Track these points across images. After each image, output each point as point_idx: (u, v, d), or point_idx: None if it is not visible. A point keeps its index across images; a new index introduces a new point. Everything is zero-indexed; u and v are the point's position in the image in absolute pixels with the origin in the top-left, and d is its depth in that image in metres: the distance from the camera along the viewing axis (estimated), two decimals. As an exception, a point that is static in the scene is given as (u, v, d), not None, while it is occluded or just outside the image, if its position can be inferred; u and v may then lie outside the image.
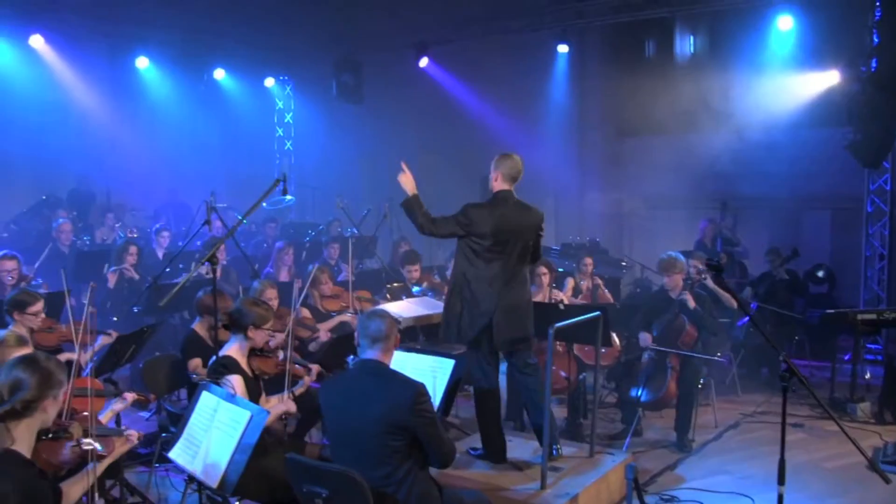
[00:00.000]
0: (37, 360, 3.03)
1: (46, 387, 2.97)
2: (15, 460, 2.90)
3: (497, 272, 5.17)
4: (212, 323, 5.64)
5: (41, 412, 2.99)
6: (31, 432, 2.99)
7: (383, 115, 13.46)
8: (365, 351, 3.84)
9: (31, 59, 11.62)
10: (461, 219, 5.17)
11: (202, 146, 13.52)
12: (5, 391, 2.92)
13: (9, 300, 5.33)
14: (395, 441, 3.65)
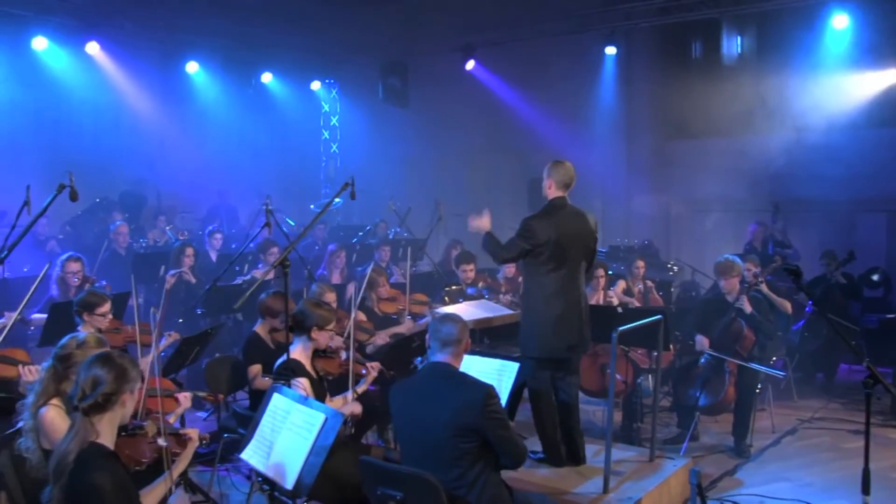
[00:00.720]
0: (111, 357, 3.16)
1: (123, 381, 3.09)
2: (102, 452, 3.02)
3: (562, 280, 5.16)
4: (273, 325, 5.74)
5: (120, 406, 3.10)
6: (112, 426, 3.11)
7: (429, 118, 13.50)
8: (435, 354, 3.87)
9: (86, 66, 11.86)
10: (524, 234, 5.15)
11: (250, 149, 13.68)
12: (87, 387, 3.04)
13: (79, 301, 5.44)
14: (465, 443, 3.67)
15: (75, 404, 3.03)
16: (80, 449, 2.95)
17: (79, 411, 3.02)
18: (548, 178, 5.33)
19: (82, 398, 3.02)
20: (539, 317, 5.16)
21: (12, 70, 11.19)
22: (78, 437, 2.97)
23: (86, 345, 3.76)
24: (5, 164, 10.94)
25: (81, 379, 3.06)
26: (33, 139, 11.67)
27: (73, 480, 2.88)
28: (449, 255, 9.70)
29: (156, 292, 8.12)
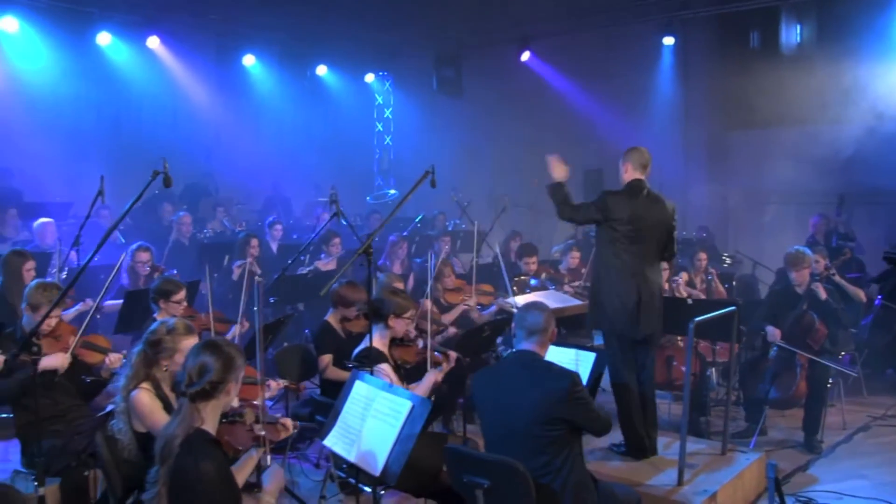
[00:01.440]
0: (219, 346, 3.19)
1: (229, 369, 3.13)
2: (207, 438, 3.06)
3: (636, 262, 5.15)
4: (345, 314, 5.77)
5: (225, 394, 3.14)
6: (216, 414, 3.16)
7: (483, 109, 13.47)
8: (521, 342, 3.87)
9: (147, 60, 12.07)
10: (599, 204, 5.19)
11: (304, 141, 13.80)
12: (194, 374, 3.08)
13: (155, 288, 5.54)
14: (552, 431, 3.66)
15: (182, 390, 3.08)
16: (186, 434, 2.99)
17: (185, 397, 3.06)
18: (624, 162, 5.36)
19: (189, 384, 3.06)
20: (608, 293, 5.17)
21: (77, 65, 11.42)
22: (184, 422, 3.02)
23: (175, 331, 3.83)
24: (69, 156, 11.18)
25: (189, 366, 3.10)
26: (95, 132, 11.92)
27: (180, 465, 2.93)
28: (508, 247, 9.68)
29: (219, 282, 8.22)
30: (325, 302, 7.48)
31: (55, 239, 8.22)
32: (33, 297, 4.70)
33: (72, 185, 11.20)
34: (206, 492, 2.88)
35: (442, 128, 14.02)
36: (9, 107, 11.06)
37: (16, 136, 10.67)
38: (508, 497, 3.55)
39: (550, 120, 13.10)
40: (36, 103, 11.14)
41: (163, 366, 3.80)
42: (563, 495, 3.67)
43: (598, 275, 5.31)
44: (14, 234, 9.20)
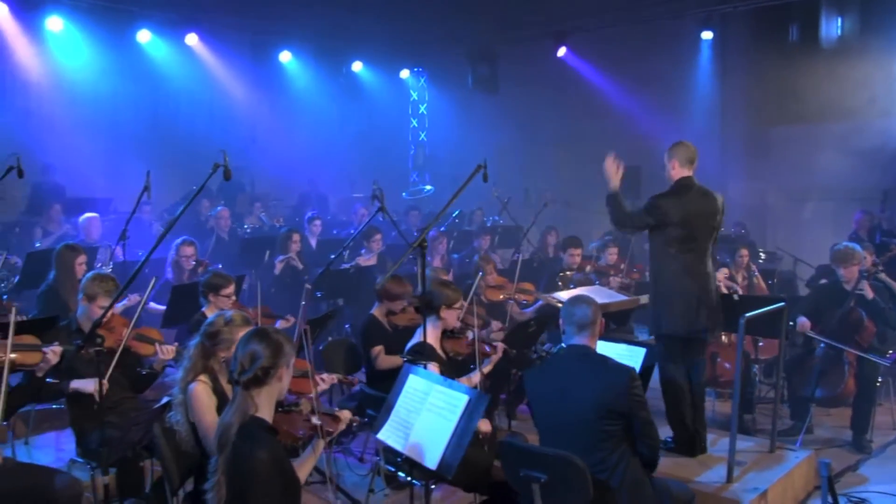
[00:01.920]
0: (268, 333, 3.21)
1: (279, 355, 3.13)
2: (262, 426, 3.08)
3: (695, 261, 5.12)
4: (390, 308, 5.78)
5: (277, 381, 3.15)
6: (270, 401, 3.16)
7: (519, 105, 13.45)
8: (571, 337, 3.86)
9: (185, 57, 12.20)
10: (651, 210, 5.14)
11: (339, 137, 13.86)
12: (245, 362, 3.10)
13: (204, 282, 5.59)
14: (608, 426, 3.65)
15: (235, 378, 3.10)
16: (242, 422, 3.01)
17: (238, 385, 3.09)
18: (670, 159, 5.30)
19: (241, 372, 3.08)
20: (670, 295, 5.13)
21: (117, 62, 11.58)
22: (239, 410, 3.04)
23: (233, 322, 3.85)
24: (109, 152, 11.32)
25: (240, 354, 3.11)
26: (133, 128, 12.04)
27: (236, 452, 2.94)
28: (545, 242, 9.66)
29: (260, 277, 8.29)
30: (364, 297, 7.55)
31: (100, 233, 8.35)
32: (89, 289, 4.76)
33: (111, 180, 11.35)
34: (262, 478, 2.89)
35: (477, 124, 14.01)
36: (52, 103, 11.24)
37: (58, 132, 10.83)
38: (565, 492, 3.54)
39: (586, 116, 13.06)
40: (77, 100, 11.32)
41: (220, 357, 3.82)
42: (620, 492, 3.65)
43: (658, 278, 5.25)
44: (57, 228, 9.34)
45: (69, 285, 6.34)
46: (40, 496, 4.00)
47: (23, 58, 11.06)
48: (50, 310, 6.05)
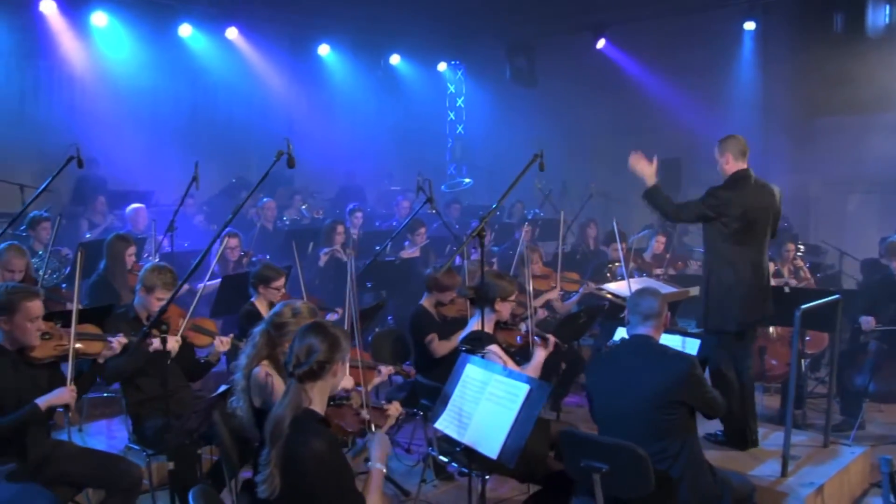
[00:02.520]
0: (325, 327, 3.19)
1: (336, 350, 3.12)
2: (316, 418, 3.07)
3: (753, 253, 5.07)
4: (440, 299, 5.79)
5: (332, 375, 3.14)
6: (323, 395, 3.15)
7: (557, 98, 13.37)
8: (636, 327, 3.84)
9: (225, 51, 12.29)
10: (710, 201, 5.08)
11: (377, 131, 13.88)
12: (301, 355, 3.08)
13: (255, 274, 5.64)
14: (669, 416, 3.63)
15: (290, 371, 3.09)
16: (295, 415, 3.00)
17: (293, 378, 3.08)
18: (723, 152, 5.24)
19: (297, 365, 3.07)
20: (728, 289, 5.06)
21: (157, 57, 11.69)
22: (292, 403, 3.02)
23: (300, 314, 3.87)
24: (149, 146, 11.43)
25: (296, 347, 3.10)
26: (173, 122, 12.16)
27: (291, 445, 2.94)
28: (584, 235, 9.61)
29: (305, 269, 8.34)
30: (408, 290, 7.57)
31: (146, 224, 8.44)
32: (148, 280, 4.81)
33: (151, 173, 11.48)
34: (318, 470, 2.88)
35: (515, 117, 13.96)
36: (96, 98, 11.39)
37: (102, 126, 10.95)
38: (626, 482, 3.53)
39: (626, 109, 12.95)
40: (120, 94, 11.45)
41: (285, 347, 3.84)
42: (681, 482, 3.63)
43: (714, 270, 5.17)
44: (102, 220, 9.47)
45: (120, 275, 6.43)
46: (103, 480, 4.08)
47: (69, 53, 11.22)
48: (101, 299, 6.12)
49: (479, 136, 14.94)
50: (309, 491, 2.89)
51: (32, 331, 3.89)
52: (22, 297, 3.88)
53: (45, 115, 11.36)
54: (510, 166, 12.98)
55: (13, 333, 3.87)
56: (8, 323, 3.85)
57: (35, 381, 3.99)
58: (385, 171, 13.63)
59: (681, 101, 12.20)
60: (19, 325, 3.85)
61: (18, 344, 3.93)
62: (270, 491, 2.91)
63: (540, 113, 13.60)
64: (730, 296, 5.07)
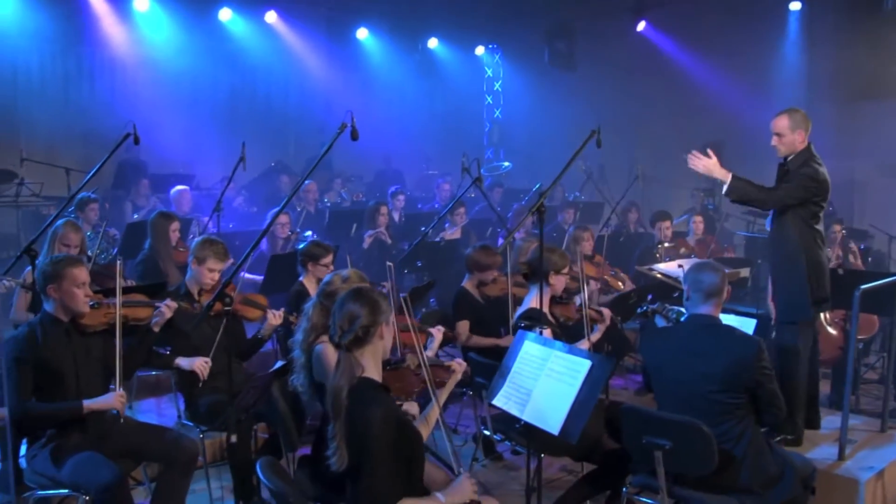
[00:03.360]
0: (362, 292, 3.16)
1: (377, 313, 3.08)
2: (373, 385, 3.04)
3: (823, 235, 4.97)
4: (481, 279, 5.76)
5: (378, 338, 3.10)
6: (376, 360, 3.12)
7: (597, 81, 13.24)
8: (698, 306, 3.75)
9: (264, 34, 12.35)
10: (810, 183, 4.84)
11: (415, 114, 13.85)
12: (344, 324, 3.06)
13: (303, 251, 5.65)
14: (734, 398, 3.57)
15: (336, 341, 3.07)
16: (351, 385, 2.98)
17: (341, 348, 3.06)
18: (795, 129, 4.96)
19: (342, 335, 3.05)
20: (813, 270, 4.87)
21: (196, 41, 11.76)
22: (346, 373, 3.00)
23: (350, 281, 3.87)
24: (188, 130, 11.50)
25: (337, 317, 3.08)
26: (211, 106, 12.23)
27: (352, 415, 2.92)
28: (626, 219, 9.52)
29: (348, 250, 8.37)
30: (450, 271, 7.54)
31: (190, 206, 8.50)
32: (199, 251, 4.84)
33: (192, 157, 11.58)
34: (379, 437, 2.85)
35: (553, 101, 13.85)
36: (137, 83, 11.52)
37: (143, 110, 11.02)
38: (689, 460, 3.48)
39: (666, 92, 12.81)
40: (160, 79, 11.55)
41: None
42: (743, 461, 3.57)
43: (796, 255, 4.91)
44: (146, 203, 9.56)
45: (165, 252, 6.46)
46: (162, 454, 4.11)
47: (112, 38, 11.34)
48: (148, 277, 6.18)
49: (517, 120, 14.87)
50: (372, 458, 2.86)
51: (80, 297, 3.96)
52: (67, 264, 3.97)
53: (89, 100, 11.50)
54: (548, 150, 12.98)
55: (63, 301, 3.94)
56: (57, 291, 3.92)
57: (88, 349, 4.06)
58: (423, 155, 13.61)
59: (723, 83, 12.03)
60: (68, 292, 3.92)
61: (70, 312, 3.99)
62: (339, 464, 2.90)
63: (579, 97, 13.47)
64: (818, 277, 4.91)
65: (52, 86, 11.34)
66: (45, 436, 3.91)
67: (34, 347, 3.85)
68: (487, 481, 5.18)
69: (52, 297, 3.94)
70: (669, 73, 12.72)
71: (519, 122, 14.78)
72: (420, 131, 13.73)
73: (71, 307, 3.97)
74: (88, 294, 4.01)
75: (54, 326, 3.96)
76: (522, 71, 14.72)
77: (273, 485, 2.94)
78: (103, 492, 3.66)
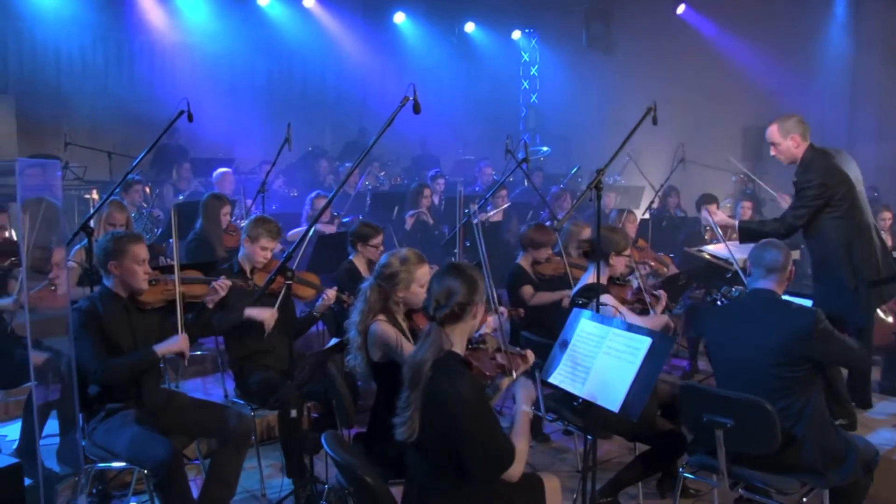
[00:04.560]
0: (463, 269, 3.15)
1: (474, 292, 3.07)
2: (459, 359, 3.05)
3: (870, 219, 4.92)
4: (536, 257, 5.76)
5: (472, 317, 3.10)
6: (463, 338, 3.12)
7: (635, 64, 13.10)
8: (758, 280, 3.72)
9: (302, 18, 12.37)
10: (812, 192, 4.85)
11: (451, 99, 13.82)
12: (441, 298, 3.05)
13: (353, 232, 5.66)
14: (794, 372, 3.51)
15: (431, 315, 3.07)
16: (436, 358, 2.98)
17: (434, 321, 3.06)
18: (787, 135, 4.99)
19: (437, 308, 3.04)
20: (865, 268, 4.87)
21: (235, 26, 11.80)
22: (434, 346, 3.00)
23: (408, 261, 3.84)
24: (226, 116, 11.55)
25: (435, 290, 3.07)
26: (250, 92, 12.31)
27: (433, 387, 2.91)
28: (666, 203, 9.43)
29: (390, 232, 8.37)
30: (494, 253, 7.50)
31: (233, 188, 8.55)
32: (253, 230, 4.88)
33: (231, 141, 11.64)
34: (464, 410, 2.84)
35: (590, 85, 13.74)
36: (175, 69, 11.62)
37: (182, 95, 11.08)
38: (751, 439, 3.44)
39: (706, 75, 12.62)
40: (199, 64, 11.63)
41: (398, 297, 3.82)
42: (805, 440, 3.52)
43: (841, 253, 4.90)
44: (187, 186, 9.62)
45: (216, 234, 6.51)
46: (216, 430, 4.14)
47: (151, 24, 11.45)
48: (197, 257, 6.22)
49: (554, 105, 14.78)
50: (455, 432, 2.86)
51: (140, 274, 4.00)
52: (128, 240, 4.01)
53: (129, 85, 11.63)
54: (586, 134, 12.88)
55: (123, 277, 3.98)
56: (118, 267, 3.95)
57: (146, 325, 4.11)
58: (459, 139, 13.58)
59: (764, 66, 11.85)
60: (128, 269, 3.96)
61: (129, 289, 4.03)
62: (409, 434, 2.91)
63: (617, 80, 13.34)
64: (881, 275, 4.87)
65: (93, 71, 11.47)
66: (103, 410, 3.96)
67: (97, 318, 3.89)
68: (536, 463, 5.16)
69: (112, 273, 3.98)
70: (709, 56, 12.55)
71: (555, 106, 14.68)
72: (456, 116, 13.69)
73: (131, 283, 4.00)
74: (147, 271, 4.05)
75: (113, 302, 4.00)
76: (559, 55, 14.61)
77: (339, 457, 2.95)
78: (158, 466, 3.70)
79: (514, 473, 2.99)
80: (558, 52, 14.64)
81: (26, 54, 11.09)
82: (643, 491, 4.54)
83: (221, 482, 4.05)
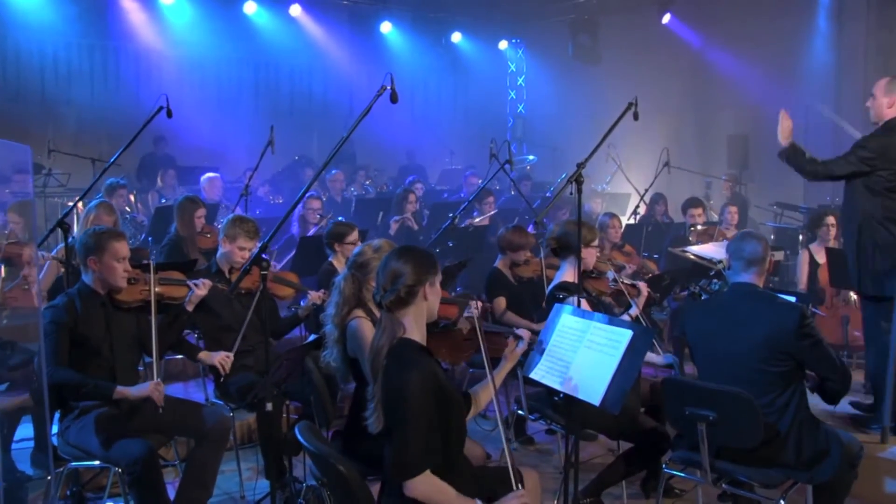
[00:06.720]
0: (408, 250, 3.09)
1: (422, 272, 2.99)
2: (413, 346, 2.95)
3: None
4: (514, 259, 5.74)
5: (423, 299, 3.01)
6: (419, 322, 3.03)
7: (621, 75, 13.12)
8: (738, 274, 3.68)
9: (288, 27, 12.39)
10: (863, 154, 4.79)
11: (438, 109, 13.84)
12: (387, 283, 2.97)
13: (328, 233, 5.64)
14: (777, 367, 3.47)
15: (378, 301, 3.00)
16: (391, 345, 2.91)
17: (383, 308, 2.99)
18: (888, 94, 4.87)
19: (384, 294, 2.97)
20: (870, 246, 4.80)
21: (221, 35, 11.79)
22: (386, 333, 2.93)
23: (381, 250, 3.79)
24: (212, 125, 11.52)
25: (381, 276, 3.01)
26: (236, 101, 12.31)
27: (388, 376, 2.84)
28: (652, 209, 9.44)
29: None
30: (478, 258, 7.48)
31: (221, 193, 8.52)
32: (230, 230, 4.84)
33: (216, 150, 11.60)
34: (414, 400, 2.74)
35: (577, 95, 13.76)
36: (161, 78, 11.57)
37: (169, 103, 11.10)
38: (734, 432, 3.41)
39: (692, 85, 12.70)
40: (185, 73, 11.62)
41: (371, 285, 3.77)
42: (788, 435, 3.48)
43: (861, 230, 4.86)
44: (172, 193, 9.58)
45: (189, 236, 6.44)
46: (193, 429, 4.08)
47: (138, 33, 11.43)
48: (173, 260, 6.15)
49: (541, 115, 14.81)
50: (405, 421, 2.75)
51: (120, 271, 3.96)
52: (109, 237, 3.97)
53: (115, 93, 11.59)
54: (572, 144, 12.86)
55: (102, 273, 3.94)
56: (98, 263, 3.92)
57: (122, 324, 4.05)
58: (446, 149, 13.58)
59: (749, 76, 11.89)
60: (108, 265, 3.92)
61: (107, 286, 3.99)
62: (376, 426, 2.84)
63: (603, 90, 13.34)
64: (878, 257, 4.81)
65: (78, 79, 11.42)
66: (78, 408, 3.89)
67: (73, 316, 3.84)
68: (519, 464, 5.10)
69: (91, 268, 3.94)
70: (694, 65, 12.61)
71: (542, 116, 14.71)
72: (443, 126, 13.72)
73: (109, 280, 3.96)
74: (127, 269, 4.01)
75: (91, 298, 3.96)
76: (546, 65, 14.65)
77: (313, 447, 2.89)
78: (134, 465, 3.63)
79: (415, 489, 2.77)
80: (545, 62, 14.68)
81: (10, 61, 11.04)
82: (627, 491, 4.50)
83: (198, 482, 3.98)
